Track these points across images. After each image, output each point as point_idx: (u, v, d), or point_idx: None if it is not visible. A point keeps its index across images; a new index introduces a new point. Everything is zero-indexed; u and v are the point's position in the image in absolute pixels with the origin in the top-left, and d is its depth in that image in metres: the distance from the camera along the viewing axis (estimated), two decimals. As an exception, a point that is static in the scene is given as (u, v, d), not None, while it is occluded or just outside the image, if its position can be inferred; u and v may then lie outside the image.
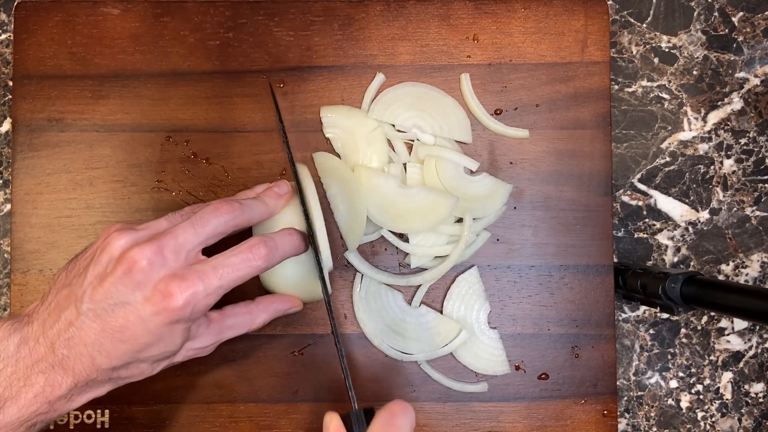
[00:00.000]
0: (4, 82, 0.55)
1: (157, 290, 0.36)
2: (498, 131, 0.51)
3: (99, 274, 0.37)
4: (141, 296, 0.36)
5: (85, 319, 0.36)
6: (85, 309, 0.36)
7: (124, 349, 0.37)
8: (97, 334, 0.36)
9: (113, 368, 0.37)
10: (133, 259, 0.36)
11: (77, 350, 0.36)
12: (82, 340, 0.36)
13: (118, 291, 0.36)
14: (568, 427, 0.51)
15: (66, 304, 0.37)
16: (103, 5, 0.52)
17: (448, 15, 0.52)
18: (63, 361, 0.36)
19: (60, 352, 0.36)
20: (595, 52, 0.52)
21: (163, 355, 0.39)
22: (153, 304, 0.36)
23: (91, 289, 0.37)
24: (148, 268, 0.36)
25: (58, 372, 0.36)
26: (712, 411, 0.55)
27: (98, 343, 0.36)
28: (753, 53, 0.56)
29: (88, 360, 0.36)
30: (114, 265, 0.37)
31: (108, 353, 0.36)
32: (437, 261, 0.51)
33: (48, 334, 0.37)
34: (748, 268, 0.55)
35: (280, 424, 0.50)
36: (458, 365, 0.51)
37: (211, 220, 0.39)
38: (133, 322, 0.36)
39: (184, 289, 0.36)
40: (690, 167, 0.55)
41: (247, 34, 0.52)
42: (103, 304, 0.36)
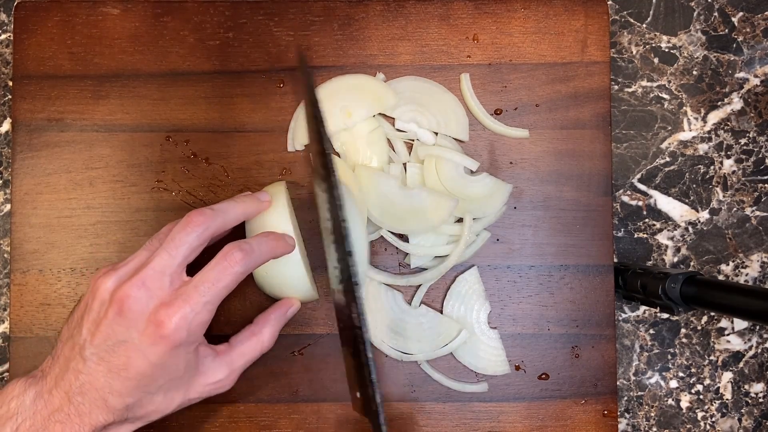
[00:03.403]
0: (4, 82, 0.55)
1: (150, 322, 0.38)
2: (498, 131, 0.51)
3: (94, 319, 0.39)
4: (136, 332, 0.38)
5: (91, 364, 0.38)
6: (89, 354, 0.38)
7: (132, 385, 0.38)
8: (105, 376, 0.38)
9: (127, 407, 0.38)
10: (121, 299, 0.38)
11: (90, 396, 0.38)
12: (92, 385, 0.38)
13: (115, 332, 0.38)
14: (568, 427, 0.51)
15: (71, 355, 0.39)
16: (102, 5, 0.52)
17: (448, 15, 0.52)
18: (79, 409, 0.38)
19: (75, 400, 0.38)
20: (595, 52, 0.52)
21: (172, 383, 0.40)
22: (148, 336, 0.37)
23: (90, 336, 0.38)
24: (137, 305, 0.38)
25: (75, 421, 0.37)
26: (712, 411, 0.55)
27: (108, 385, 0.38)
28: (753, 53, 0.56)
29: (101, 403, 0.38)
30: (106, 308, 0.38)
31: (119, 392, 0.38)
32: (437, 261, 0.51)
33: (60, 385, 0.38)
34: (748, 268, 0.55)
35: (280, 424, 0.50)
36: (458, 365, 0.51)
37: (184, 238, 0.40)
38: (135, 357, 0.38)
39: (173, 315, 0.38)
40: (690, 167, 0.55)
41: (247, 34, 0.52)
42: (104, 346, 0.38)
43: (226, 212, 0.42)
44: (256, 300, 0.51)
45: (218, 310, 0.50)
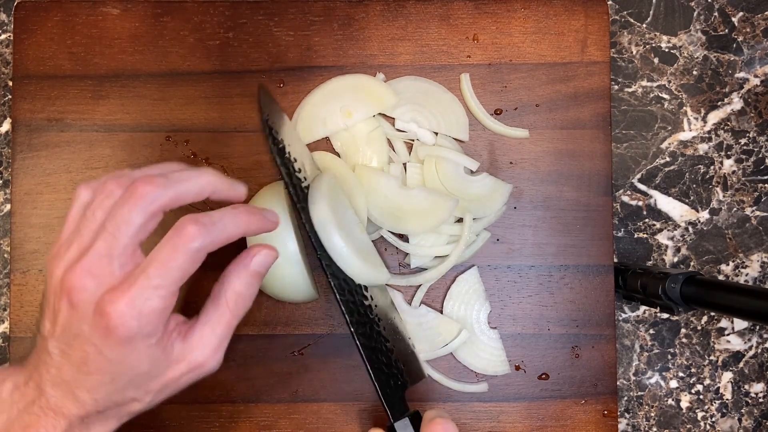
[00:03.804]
0: (4, 82, 0.55)
1: (96, 314, 0.33)
2: (498, 131, 0.51)
3: (52, 311, 0.36)
4: (87, 324, 0.34)
5: (56, 357, 0.35)
6: (52, 348, 0.35)
7: (96, 380, 0.35)
8: (71, 370, 0.35)
9: (96, 401, 0.35)
10: (69, 290, 0.34)
11: (61, 389, 0.35)
12: (62, 378, 0.35)
13: (70, 324, 0.34)
14: (568, 427, 0.50)
15: (42, 347, 0.36)
16: (102, 5, 0.52)
17: (448, 15, 0.52)
18: (51, 402, 0.35)
19: (47, 393, 0.35)
20: (595, 52, 0.52)
21: (141, 378, 0.36)
22: (96, 329, 0.33)
23: (51, 328, 0.35)
24: (84, 294, 0.34)
25: (50, 414, 0.35)
26: (712, 411, 0.55)
27: (74, 379, 0.35)
28: (753, 53, 0.56)
29: (71, 397, 0.35)
30: (58, 300, 0.35)
31: (86, 387, 0.35)
32: (437, 261, 0.51)
33: (34, 377, 0.36)
34: (748, 268, 0.55)
35: (280, 424, 0.50)
36: (458, 365, 0.51)
37: (126, 215, 0.34)
38: (90, 352, 0.34)
39: (116, 302, 0.33)
40: (690, 167, 0.55)
41: (247, 34, 0.52)
42: (63, 339, 0.35)
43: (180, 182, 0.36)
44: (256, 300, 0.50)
45: (218, 310, 0.50)
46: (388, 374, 0.44)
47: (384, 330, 0.45)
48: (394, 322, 0.47)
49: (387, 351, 0.45)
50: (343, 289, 0.45)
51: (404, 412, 0.44)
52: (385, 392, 0.44)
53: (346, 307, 0.44)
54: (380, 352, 0.45)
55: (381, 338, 0.45)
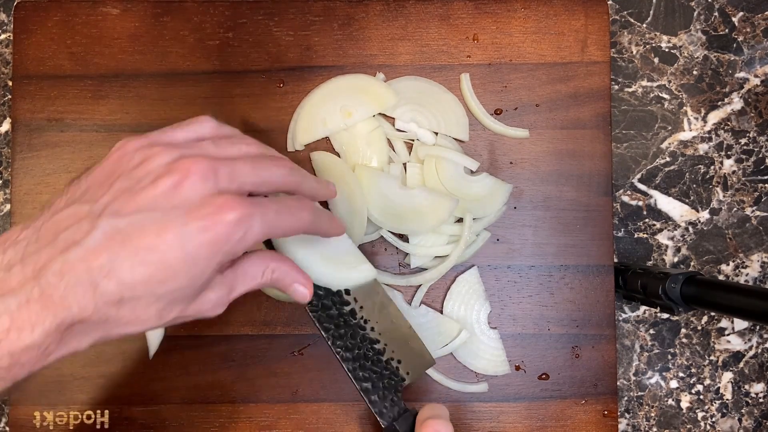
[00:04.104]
0: (4, 82, 0.55)
1: (208, 204, 0.30)
2: (498, 131, 0.51)
3: (131, 187, 0.31)
4: (184, 211, 0.30)
5: (100, 236, 0.29)
6: (104, 224, 0.30)
7: (144, 274, 0.30)
8: (112, 253, 0.29)
9: (119, 301, 0.30)
10: (187, 169, 0.31)
11: (75, 275, 0.29)
12: (86, 262, 0.29)
13: (157, 204, 0.30)
14: (568, 428, 0.50)
15: (69, 223, 0.30)
16: (102, 5, 0.52)
17: (448, 15, 0.52)
18: (47, 292, 0.29)
19: (47, 280, 0.29)
20: (595, 52, 0.52)
21: (182, 293, 0.32)
22: (200, 219, 0.30)
23: (118, 203, 0.30)
24: (201, 183, 0.31)
25: (34, 308, 0.28)
26: (712, 411, 0.55)
27: (109, 265, 0.29)
28: (753, 53, 0.56)
29: (87, 288, 0.29)
30: (156, 176, 0.31)
31: (120, 278, 0.29)
32: (437, 261, 0.51)
33: (31, 259, 0.29)
34: (748, 268, 0.55)
35: (280, 424, 0.50)
36: (458, 365, 0.51)
37: (271, 167, 0.34)
38: (169, 240, 0.30)
39: (238, 207, 0.31)
40: (690, 167, 0.55)
41: (247, 34, 0.52)
42: (133, 218, 0.30)
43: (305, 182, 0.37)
44: (256, 300, 0.51)
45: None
46: (379, 377, 0.44)
47: (373, 331, 0.44)
48: (389, 316, 0.45)
49: (376, 353, 0.44)
50: (316, 305, 0.43)
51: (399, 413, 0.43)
52: (372, 400, 0.43)
53: (320, 322, 0.43)
54: (365, 358, 0.44)
55: (366, 342, 0.44)
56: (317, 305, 0.44)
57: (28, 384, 0.50)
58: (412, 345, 0.45)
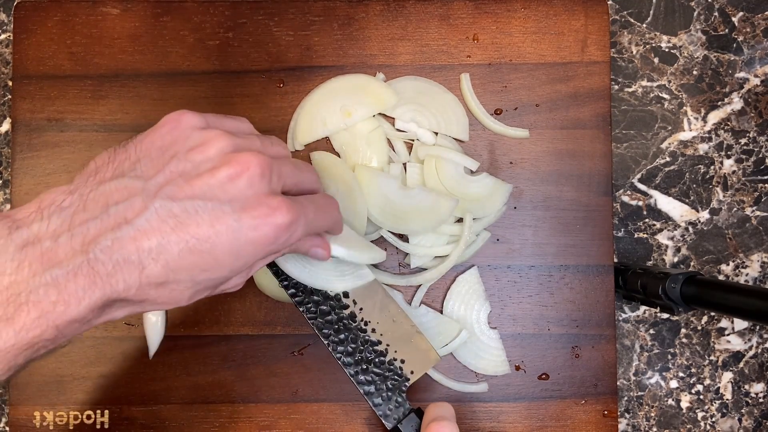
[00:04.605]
0: (4, 82, 0.55)
1: (263, 204, 0.31)
2: (498, 131, 0.51)
3: (187, 171, 0.31)
4: (239, 206, 0.31)
5: (153, 217, 0.29)
6: (157, 206, 0.30)
7: (191, 262, 0.30)
8: (163, 237, 0.29)
9: (160, 284, 0.30)
10: (246, 163, 0.31)
11: (123, 255, 0.29)
12: (136, 242, 0.29)
13: (213, 193, 0.30)
14: (568, 428, 0.50)
15: (120, 197, 0.30)
16: (102, 5, 0.52)
17: (448, 15, 0.52)
18: (95, 268, 0.28)
19: (95, 255, 0.28)
20: (595, 52, 0.52)
21: (217, 281, 0.33)
22: (255, 218, 0.31)
23: (173, 186, 0.30)
24: (258, 180, 0.31)
25: (81, 282, 0.28)
26: (712, 411, 0.55)
27: (158, 249, 0.29)
28: (753, 53, 0.56)
29: (134, 269, 0.29)
30: (214, 165, 0.31)
31: (167, 264, 0.30)
32: (437, 261, 0.51)
33: (79, 231, 0.29)
34: (748, 268, 0.55)
35: (280, 424, 0.50)
36: (458, 365, 0.51)
37: (305, 170, 0.37)
38: (222, 232, 0.30)
39: (288, 211, 0.32)
40: (690, 167, 0.55)
41: (247, 34, 0.52)
42: (187, 204, 0.30)
43: None
44: (256, 300, 0.51)
45: (217, 311, 0.51)
46: (382, 379, 0.44)
47: (374, 332, 0.44)
48: (390, 316, 0.45)
49: (378, 355, 0.44)
50: (314, 311, 0.44)
51: (404, 414, 0.43)
52: (375, 403, 0.43)
53: (319, 329, 0.44)
54: (367, 361, 0.44)
55: (368, 345, 0.44)
56: (315, 311, 0.44)
57: (28, 384, 0.50)
58: (416, 342, 0.45)
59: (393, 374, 0.44)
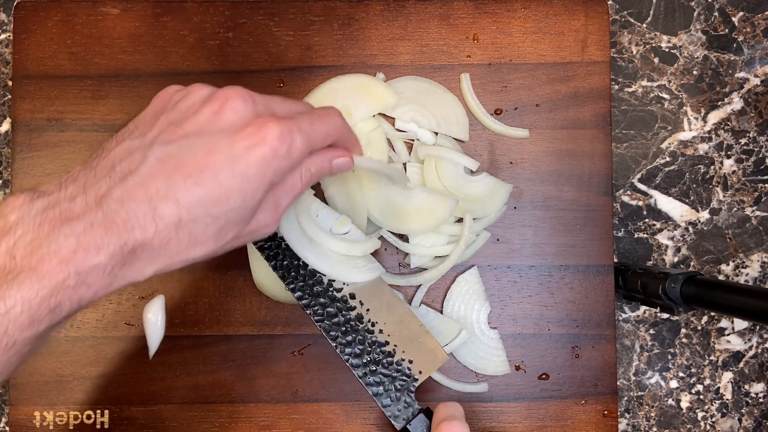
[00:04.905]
0: (4, 82, 0.55)
1: (251, 124, 0.32)
2: (498, 131, 0.51)
3: (177, 119, 0.33)
4: (230, 133, 0.32)
5: (153, 162, 0.31)
6: (155, 151, 0.32)
7: (199, 194, 0.31)
8: (167, 177, 0.31)
9: (177, 224, 0.31)
10: (226, 96, 0.33)
11: (135, 201, 0.30)
12: (144, 187, 0.31)
13: (203, 129, 0.32)
14: (568, 428, 0.50)
15: (123, 156, 0.32)
16: (102, 5, 0.52)
17: (448, 15, 0.52)
18: (109, 217, 0.30)
19: (108, 206, 0.30)
20: (595, 52, 0.52)
21: (236, 211, 0.33)
22: (245, 138, 0.32)
23: (166, 133, 0.32)
24: (242, 106, 0.33)
25: (98, 232, 0.30)
26: (712, 411, 0.55)
27: (165, 188, 0.31)
28: (753, 53, 0.56)
29: (147, 212, 0.31)
30: (198, 107, 0.33)
31: (177, 200, 0.31)
32: (437, 261, 0.51)
33: (92, 189, 0.31)
34: (748, 268, 0.55)
35: (280, 424, 0.50)
36: (458, 365, 0.51)
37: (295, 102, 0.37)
38: (219, 161, 0.32)
39: (277, 124, 0.33)
40: (690, 167, 0.55)
41: (247, 34, 0.52)
42: (181, 144, 0.32)
43: None
44: (256, 300, 0.51)
45: (217, 311, 0.51)
46: (391, 379, 0.44)
47: (381, 333, 0.44)
48: (397, 315, 0.45)
49: (386, 355, 0.44)
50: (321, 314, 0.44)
51: (413, 414, 0.43)
52: (385, 404, 0.43)
53: (326, 331, 0.44)
54: (375, 363, 0.44)
55: (375, 346, 0.44)
56: (322, 314, 0.44)
57: (28, 384, 0.50)
58: (424, 342, 0.45)
59: (401, 374, 0.44)
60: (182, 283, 0.51)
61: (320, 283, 0.45)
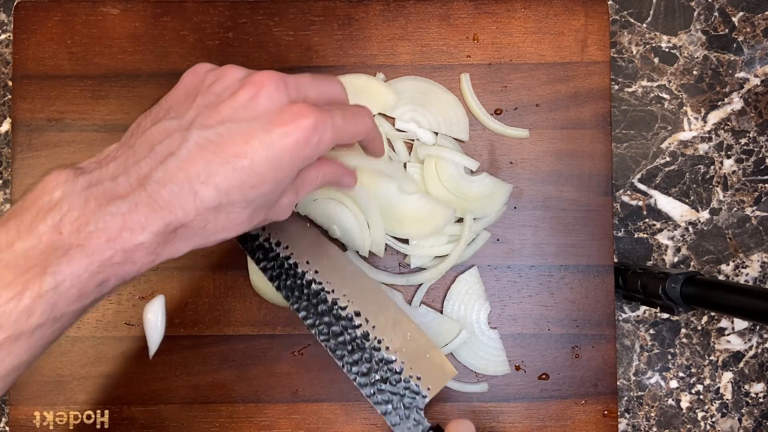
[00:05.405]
0: (4, 82, 0.55)
1: (286, 111, 0.33)
2: (498, 131, 0.51)
3: (212, 102, 0.34)
4: (266, 120, 0.33)
5: (192, 146, 0.32)
6: (195, 136, 0.32)
7: (237, 179, 0.32)
8: (207, 162, 0.32)
9: (216, 207, 0.33)
10: (261, 82, 0.34)
11: (176, 183, 0.32)
12: (184, 171, 0.32)
13: (239, 115, 0.33)
14: (568, 428, 0.50)
15: (162, 137, 0.33)
16: (102, 5, 0.52)
17: (448, 15, 0.52)
18: (153, 197, 0.31)
19: (151, 187, 0.31)
20: (595, 52, 0.52)
21: (268, 196, 0.34)
22: (281, 125, 0.33)
23: (203, 117, 0.33)
24: (276, 93, 0.34)
25: (143, 212, 0.31)
26: (712, 411, 0.55)
27: (206, 173, 0.32)
28: (753, 53, 0.56)
29: (188, 195, 0.32)
30: (233, 90, 0.34)
31: (216, 185, 0.32)
32: (437, 261, 0.51)
33: (134, 170, 0.32)
34: (748, 268, 0.55)
35: (280, 424, 0.50)
36: (458, 365, 0.51)
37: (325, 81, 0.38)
38: (255, 147, 0.32)
39: (312, 113, 0.33)
40: (690, 167, 0.55)
41: (247, 34, 0.52)
42: (219, 129, 0.33)
43: None
44: (255, 300, 0.51)
45: (217, 311, 0.51)
46: (399, 398, 0.43)
47: (388, 350, 0.43)
48: (404, 332, 0.44)
49: (394, 373, 0.43)
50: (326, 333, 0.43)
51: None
52: (394, 423, 0.43)
53: (332, 351, 0.43)
54: (383, 381, 0.43)
55: (383, 364, 0.43)
56: (327, 333, 0.43)
57: (28, 384, 0.50)
58: (431, 357, 0.44)
59: (409, 392, 0.43)
60: (182, 283, 0.51)
61: (324, 302, 0.44)
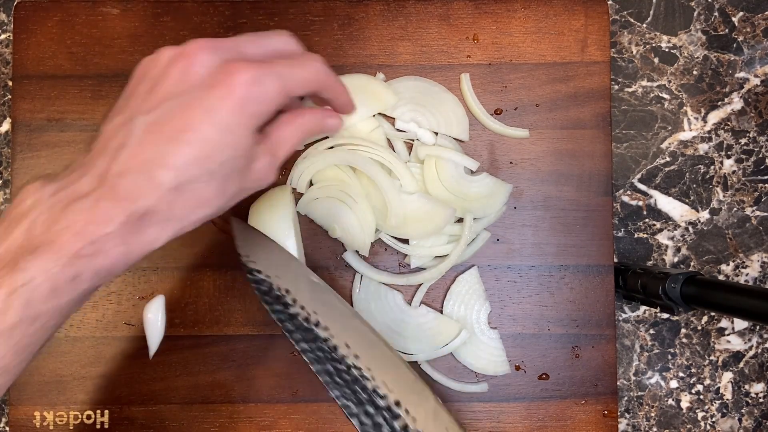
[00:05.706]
0: (4, 82, 0.55)
1: (219, 72, 0.33)
2: (498, 131, 0.51)
3: (150, 86, 0.34)
4: (201, 87, 0.32)
5: (139, 133, 0.32)
6: (139, 123, 0.32)
7: (190, 153, 0.32)
8: (156, 144, 0.32)
9: (177, 187, 0.32)
10: (190, 53, 0.33)
11: (133, 173, 0.32)
12: (137, 159, 0.32)
13: (177, 90, 0.33)
14: (568, 428, 0.50)
15: (112, 134, 0.33)
16: (102, 5, 0.52)
17: (448, 15, 0.52)
18: (114, 190, 0.31)
19: (110, 181, 0.32)
20: (595, 52, 0.52)
21: (230, 163, 0.33)
22: (217, 88, 0.32)
23: (142, 102, 0.33)
24: (207, 57, 0.33)
25: (106, 205, 0.31)
26: (712, 411, 0.55)
27: (158, 155, 0.32)
28: (753, 53, 0.56)
29: (146, 180, 0.31)
30: (164, 70, 0.33)
31: (171, 164, 0.32)
32: (437, 260, 0.51)
33: (92, 170, 0.32)
34: (748, 268, 0.55)
35: (280, 424, 0.50)
36: (458, 365, 0.51)
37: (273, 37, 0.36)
38: (198, 117, 0.32)
39: (248, 66, 0.32)
40: (690, 167, 0.55)
41: (247, 34, 0.52)
42: (159, 111, 0.32)
43: None
44: (255, 300, 0.51)
45: (217, 311, 0.51)
46: None
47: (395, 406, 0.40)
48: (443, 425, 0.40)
49: None
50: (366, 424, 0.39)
51: None
52: None
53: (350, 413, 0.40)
54: None
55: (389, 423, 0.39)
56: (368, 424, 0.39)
57: (28, 384, 0.50)
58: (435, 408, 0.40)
59: None
60: (182, 283, 0.51)
61: (364, 390, 0.40)
